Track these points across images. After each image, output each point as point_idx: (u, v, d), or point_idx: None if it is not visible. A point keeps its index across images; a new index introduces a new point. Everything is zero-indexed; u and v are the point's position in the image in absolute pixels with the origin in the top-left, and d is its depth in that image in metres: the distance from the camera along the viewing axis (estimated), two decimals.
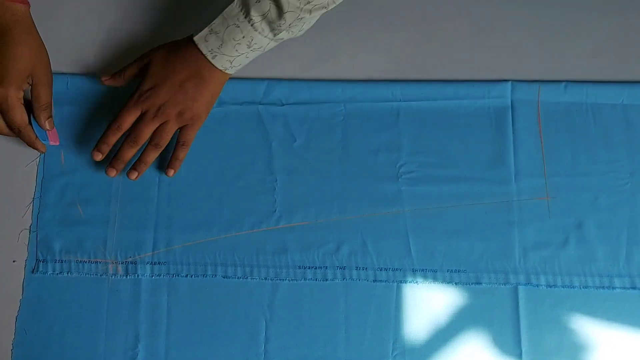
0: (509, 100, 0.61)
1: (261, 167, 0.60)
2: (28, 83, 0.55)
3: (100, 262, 0.57)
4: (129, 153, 0.56)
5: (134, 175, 0.56)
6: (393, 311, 0.56)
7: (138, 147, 0.56)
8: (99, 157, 0.56)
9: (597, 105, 0.61)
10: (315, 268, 0.58)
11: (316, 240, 0.58)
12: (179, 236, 0.58)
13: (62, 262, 0.57)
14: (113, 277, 0.57)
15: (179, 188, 0.59)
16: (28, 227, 0.58)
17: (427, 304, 0.57)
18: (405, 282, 0.57)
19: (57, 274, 0.57)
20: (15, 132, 0.55)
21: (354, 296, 0.57)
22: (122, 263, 0.57)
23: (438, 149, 0.60)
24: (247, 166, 0.60)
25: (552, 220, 0.59)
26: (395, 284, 0.57)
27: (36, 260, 0.57)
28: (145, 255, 0.58)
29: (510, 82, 0.61)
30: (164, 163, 0.59)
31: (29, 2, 0.55)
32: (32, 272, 0.57)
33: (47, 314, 0.56)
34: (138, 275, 0.57)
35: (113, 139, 0.56)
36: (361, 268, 0.57)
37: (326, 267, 0.57)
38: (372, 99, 0.61)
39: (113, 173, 0.56)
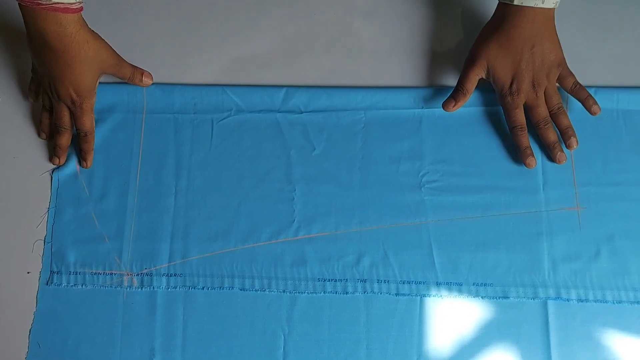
0: None
1: (279, 176, 0.58)
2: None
3: (115, 274, 0.56)
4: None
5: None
6: (416, 326, 0.54)
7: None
8: (534, 163, 0.57)
9: (629, 111, 0.59)
10: (335, 281, 0.56)
11: (336, 252, 0.56)
12: (196, 247, 0.57)
13: (76, 273, 0.56)
14: (128, 289, 0.56)
15: (195, 198, 0.58)
16: (42, 238, 0.57)
17: (452, 318, 0.55)
18: (429, 296, 0.55)
19: (72, 285, 0.56)
20: (81, 135, 0.58)
21: (375, 310, 0.55)
22: (138, 275, 0.56)
23: (462, 157, 0.58)
24: (265, 175, 0.58)
25: (583, 231, 0.56)
26: (419, 297, 0.55)
27: (50, 271, 0.56)
28: (161, 266, 0.56)
29: None
30: (180, 171, 0.58)
31: (81, 6, 0.53)
32: (47, 283, 0.56)
33: (61, 327, 0.55)
34: (154, 287, 0.56)
35: (525, 139, 0.57)
36: (383, 281, 0.56)
37: (346, 279, 0.56)
38: (393, 106, 0.60)
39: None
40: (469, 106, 0.59)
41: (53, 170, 0.59)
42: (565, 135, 0.57)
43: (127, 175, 0.58)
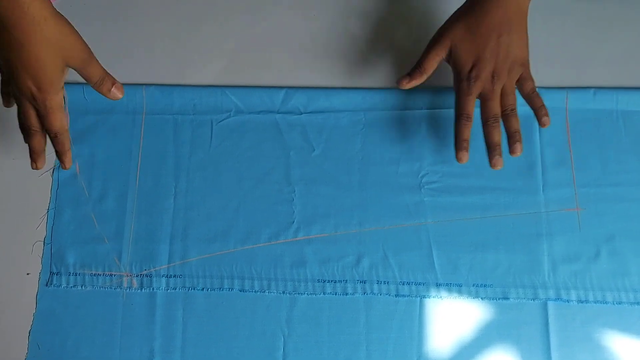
0: None
1: (279, 177, 0.58)
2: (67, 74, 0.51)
3: (114, 275, 0.56)
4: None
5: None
6: (416, 327, 0.54)
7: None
8: (466, 157, 0.53)
9: (628, 112, 0.59)
10: (335, 282, 0.56)
11: (336, 253, 0.56)
12: (195, 248, 0.57)
13: (76, 275, 0.56)
14: (128, 290, 0.56)
15: (195, 199, 0.58)
16: (42, 239, 0.57)
17: (451, 320, 0.55)
18: (429, 297, 0.55)
19: (71, 287, 0.56)
20: (51, 136, 0.51)
21: (375, 311, 0.55)
22: (137, 276, 0.56)
23: None
24: (265, 176, 0.58)
25: (583, 232, 0.56)
26: (419, 298, 0.55)
27: (50, 272, 0.56)
28: (161, 267, 0.56)
29: (536, 89, 0.59)
30: (179, 171, 0.58)
31: None
32: (46, 285, 0.56)
33: (61, 328, 0.55)
34: (153, 289, 0.56)
35: (467, 131, 0.53)
36: (382, 282, 0.55)
37: (346, 280, 0.56)
38: (393, 106, 0.60)
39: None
40: None
41: (53, 171, 0.59)
42: (511, 139, 0.52)
43: (127, 177, 0.58)
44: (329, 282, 0.56)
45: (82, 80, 0.61)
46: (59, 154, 0.52)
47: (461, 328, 0.54)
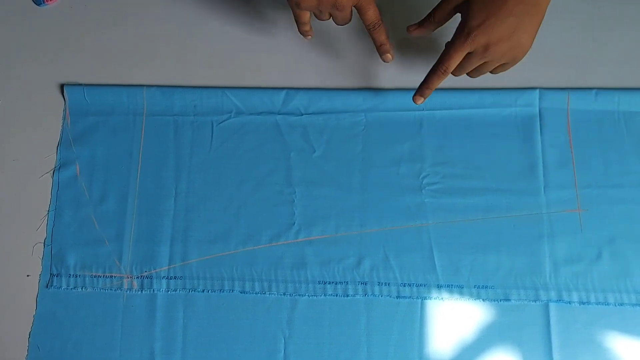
0: (537, 109, 0.59)
1: (279, 178, 0.58)
2: None
3: (115, 277, 0.56)
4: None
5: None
6: (417, 329, 0.54)
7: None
8: (420, 100, 0.54)
9: (630, 113, 0.59)
10: (336, 283, 0.56)
11: (336, 255, 0.56)
12: (196, 250, 0.56)
13: (76, 276, 0.56)
14: (128, 292, 0.56)
15: (195, 200, 0.58)
16: (42, 241, 0.57)
17: (453, 321, 0.54)
18: (430, 299, 0.55)
19: (72, 288, 0.56)
20: (370, 28, 0.53)
21: (376, 313, 0.55)
22: (138, 277, 0.56)
23: (463, 160, 0.58)
24: (265, 178, 0.58)
25: (584, 233, 0.56)
26: (420, 300, 0.55)
27: (50, 274, 0.56)
28: (161, 269, 0.56)
29: (538, 90, 0.59)
30: (180, 173, 0.58)
31: None
32: (46, 286, 0.56)
33: (61, 330, 0.55)
34: (154, 290, 0.56)
35: (437, 82, 0.52)
36: (383, 284, 0.55)
37: (347, 282, 0.55)
38: (393, 107, 0.59)
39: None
40: (469, 108, 0.59)
41: (53, 172, 0.59)
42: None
43: (127, 178, 0.58)
44: (329, 283, 0.56)
45: (82, 81, 0.61)
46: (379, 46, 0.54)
47: (462, 330, 0.54)
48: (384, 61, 0.55)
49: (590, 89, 0.59)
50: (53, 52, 0.62)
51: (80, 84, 0.61)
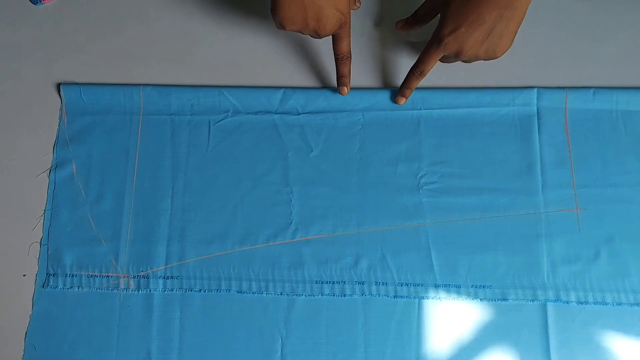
0: (535, 108, 0.59)
1: (277, 178, 0.58)
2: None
3: (111, 277, 0.56)
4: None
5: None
6: (415, 329, 0.54)
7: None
8: (402, 101, 0.58)
9: (628, 112, 0.59)
10: (333, 283, 0.55)
11: (334, 254, 0.56)
12: (192, 249, 0.56)
13: (73, 276, 0.56)
14: (125, 291, 0.55)
15: (192, 200, 0.57)
16: (39, 240, 0.57)
17: (450, 321, 0.54)
18: (428, 298, 0.55)
19: (68, 288, 0.56)
20: (338, 58, 0.56)
21: (373, 312, 0.55)
22: (134, 277, 0.56)
23: (461, 159, 0.58)
24: (263, 177, 0.58)
25: (582, 233, 0.56)
26: (417, 300, 0.55)
27: (47, 274, 0.56)
28: (158, 269, 0.56)
29: (536, 89, 0.59)
30: (177, 172, 0.57)
31: None
32: (43, 286, 0.56)
33: (57, 330, 0.55)
34: (150, 290, 0.55)
35: (416, 83, 0.56)
36: (381, 283, 0.55)
37: (344, 282, 0.55)
38: (391, 107, 0.59)
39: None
40: (467, 107, 0.59)
41: (49, 172, 0.58)
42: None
43: (124, 177, 0.58)
44: (327, 283, 0.55)
45: (78, 80, 0.61)
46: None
47: (460, 329, 0.54)
48: (340, 93, 0.58)
49: (588, 88, 0.59)
50: (49, 51, 0.62)
51: (76, 83, 0.60)
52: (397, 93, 0.58)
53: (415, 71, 0.55)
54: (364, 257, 0.56)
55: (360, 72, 0.61)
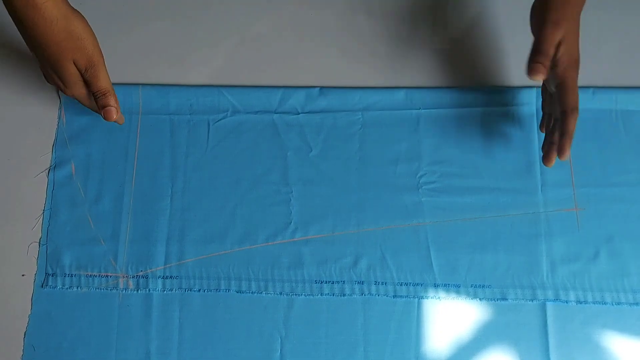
0: (535, 108, 0.59)
1: (276, 177, 0.58)
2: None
3: (110, 277, 0.56)
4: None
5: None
6: (414, 328, 0.54)
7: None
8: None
9: (628, 112, 0.59)
10: (333, 283, 0.55)
11: (333, 254, 0.56)
12: (192, 249, 0.56)
13: (71, 276, 0.56)
14: (124, 291, 0.55)
15: (191, 200, 0.57)
16: (38, 240, 0.57)
17: (450, 321, 0.54)
18: (427, 298, 0.55)
19: (67, 288, 0.55)
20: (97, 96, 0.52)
21: (373, 312, 0.55)
22: (133, 277, 0.56)
23: (460, 159, 0.58)
24: (262, 177, 0.58)
25: (582, 232, 0.56)
26: (417, 299, 0.55)
27: (45, 274, 0.56)
28: (157, 269, 0.56)
29: (535, 89, 0.59)
30: (176, 172, 0.57)
31: None
32: (42, 286, 0.56)
33: (56, 330, 0.54)
34: (149, 290, 0.55)
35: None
36: (380, 283, 0.55)
37: (344, 281, 0.55)
38: (390, 106, 0.59)
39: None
40: (467, 107, 0.59)
41: (48, 171, 0.58)
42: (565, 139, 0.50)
43: (123, 177, 0.58)
44: (326, 283, 0.55)
45: None
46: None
47: (459, 329, 0.54)
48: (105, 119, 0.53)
49: (588, 87, 0.59)
50: None
51: None
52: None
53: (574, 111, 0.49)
54: (364, 256, 0.56)
55: (359, 72, 0.61)
